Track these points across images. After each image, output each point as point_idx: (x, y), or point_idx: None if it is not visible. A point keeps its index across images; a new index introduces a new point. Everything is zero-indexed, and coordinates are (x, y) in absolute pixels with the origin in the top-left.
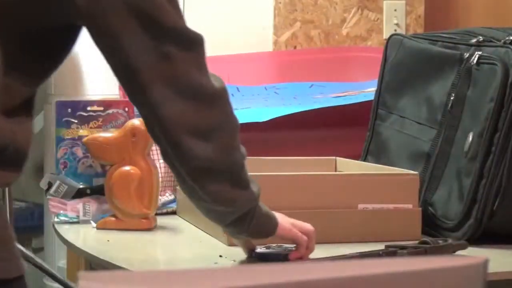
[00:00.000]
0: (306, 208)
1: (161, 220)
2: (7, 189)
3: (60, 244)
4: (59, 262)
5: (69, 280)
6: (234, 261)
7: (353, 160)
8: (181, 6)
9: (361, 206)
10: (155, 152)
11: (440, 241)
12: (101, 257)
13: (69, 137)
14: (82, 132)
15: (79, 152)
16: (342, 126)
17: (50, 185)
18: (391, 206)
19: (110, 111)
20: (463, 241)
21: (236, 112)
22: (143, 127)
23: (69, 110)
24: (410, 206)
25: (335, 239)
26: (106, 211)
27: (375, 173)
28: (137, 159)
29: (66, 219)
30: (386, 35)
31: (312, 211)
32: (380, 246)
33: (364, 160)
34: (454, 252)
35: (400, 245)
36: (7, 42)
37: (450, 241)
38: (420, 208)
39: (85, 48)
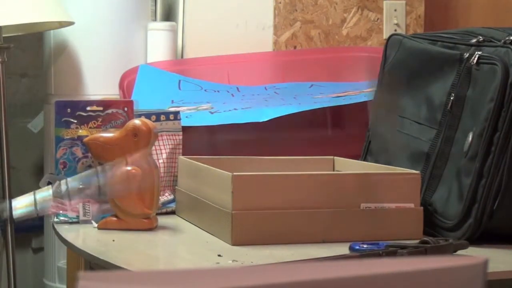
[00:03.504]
0: (307, 208)
1: (160, 220)
2: (7, 189)
3: (60, 244)
4: (59, 262)
5: (69, 280)
6: (234, 261)
7: (351, 160)
8: (181, 6)
9: (363, 205)
10: (156, 151)
11: (441, 241)
12: (101, 257)
13: (69, 137)
14: (82, 132)
15: (79, 152)
16: (342, 126)
17: (49, 185)
18: (392, 205)
19: (109, 111)
20: (464, 241)
21: (236, 112)
22: (144, 127)
23: (69, 110)
24: (412, 205)
25: (337, 238)
26: (106, 211)
27: (377, 172)
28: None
29: (66, 219)
30: (386, 35)
31: (314, 210)
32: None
33: (364, 160)
34: (455, 251)
35: (401, 245)
36: None
37: (451, 240)
38: (422, 208)
39: (85, 48)
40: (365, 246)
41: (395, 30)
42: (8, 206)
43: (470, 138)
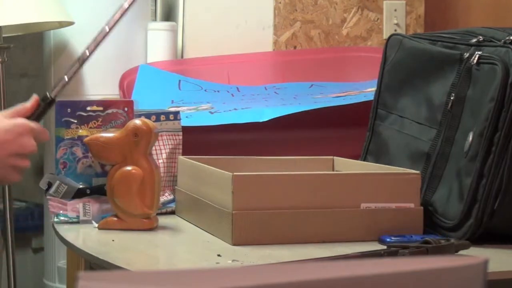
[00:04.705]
0: (307, 208)
1: (160, 220)
2: (7, 189)
3: (60, 244)
4: (59, 262)
5: (69, 280)
6: (234, 261)
7: (350, 160)
8: (181, 6)
9: (363, 205)
10: (156, 151)
11: (443, 241)
12: (101, 257)
13: (69, 137)
14: (82, 132)
15: (79, 152)
16: (342, 126)
17: (49, 185)
18: (392, 205)
19: (109, 111)
20: (466, 241)
21: (236, 112)
22: (145, 126)
23: (69, 110)
24: (412, 205)
25: (337, 238)
26: (106, 211)
27: (377, 172)
28: (139, 159)
29: (66, 219)
30: (386, 35)
31: (314, 210)
32: (382, 246)
33: (364, 160)
34: (457, 252)
35: (402, 245)
36: None
37: (452, 240)
38: (422, 208)
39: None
40: (393, 239)
41: (395, 30)
42: (8, 205)
43: (470, 138)
